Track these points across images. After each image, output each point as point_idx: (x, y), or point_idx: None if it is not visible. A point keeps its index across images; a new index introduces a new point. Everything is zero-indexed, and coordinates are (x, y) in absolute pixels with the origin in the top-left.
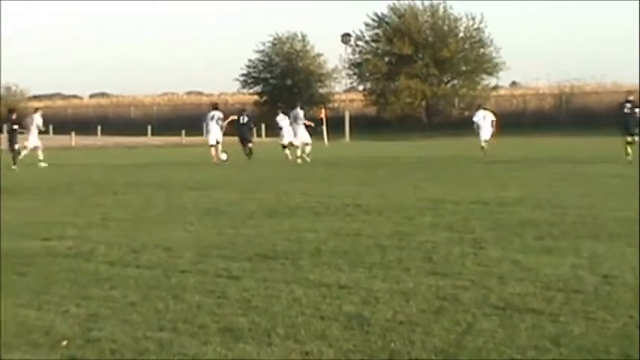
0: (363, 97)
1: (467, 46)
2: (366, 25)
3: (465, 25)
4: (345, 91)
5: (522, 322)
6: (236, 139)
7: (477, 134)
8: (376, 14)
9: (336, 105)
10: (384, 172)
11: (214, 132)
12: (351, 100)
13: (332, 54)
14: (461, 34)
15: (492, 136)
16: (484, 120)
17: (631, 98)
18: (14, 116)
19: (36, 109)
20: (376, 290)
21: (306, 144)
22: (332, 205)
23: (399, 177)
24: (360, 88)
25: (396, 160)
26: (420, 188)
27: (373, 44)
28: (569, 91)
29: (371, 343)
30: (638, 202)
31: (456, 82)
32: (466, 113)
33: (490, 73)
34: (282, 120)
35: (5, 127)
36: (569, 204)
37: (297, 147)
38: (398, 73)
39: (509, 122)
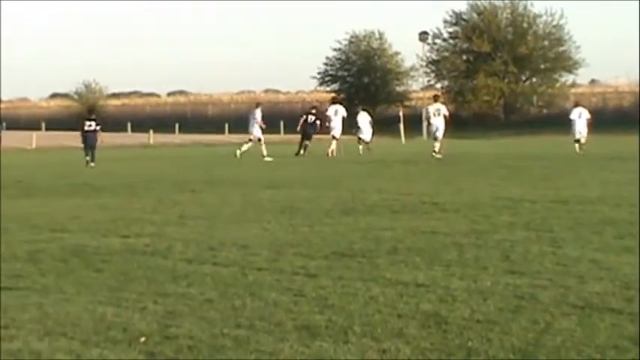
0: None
1: (545, 43)
2: (445, 22)
3: (544, 21)
4: (422, 89)
5: (601, 321)
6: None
7: (572, 131)
8: (454, 11)
9: (413, 103)
10: (461, 170)
11: (337, 127)
12: (429, 98)
13: (409, 52)
14: (540, 32)
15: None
16: (579, 118)
17: None
18: (93, 115)
19: (257, 104)
20: (453, 289)
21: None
22: (409, 203)
23: (476, 175)
24: (438, 85)
25: (473, 158)
26: (497, 186)
27: (451, 42)
28: None
29: (448, 342)
30: None
31: (534, 80)
32: (545, 111)
33: (569, 71)
34: (361, 118)
35: (86, 125)
36: None
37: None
38: (476, 70)
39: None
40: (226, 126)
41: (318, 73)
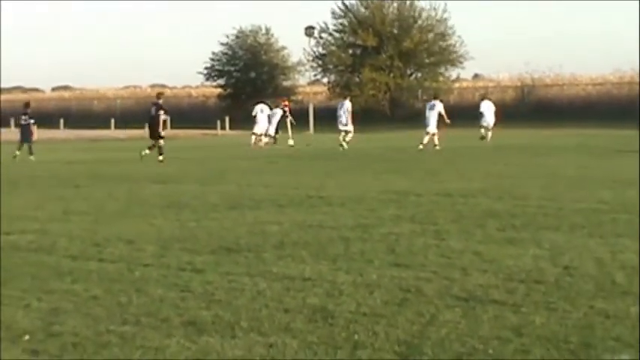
0: (327, 90)
1: (430, 37)
2: (332, 14)
3: (427, 15)
4: (309, 83)
5: (485, 312)
6: None
7: (481, 124)
8: (343, 3)
9: (300, 97)
10: (347, 164)
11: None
12: (315, 93)
13: (297, 47)
14: (424, 26)
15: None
16: (488, 110)
17: None
18: (28, 110)
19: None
20: (340, 282)
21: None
22: (295, 197)
23: (362, 169)
24: (325, 80)
25: (359, 152)
26: (383, 180)
27: (337, 35)
28: (530, 83)
29: (335, 335)
30: (599, 192)
31: (419, 74)
32: None
33: (454, 65)
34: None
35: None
36: (530, 195)
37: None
38: (362, 65)
39: (472, 114)
40: (112, 121)
41: (205, 69)
